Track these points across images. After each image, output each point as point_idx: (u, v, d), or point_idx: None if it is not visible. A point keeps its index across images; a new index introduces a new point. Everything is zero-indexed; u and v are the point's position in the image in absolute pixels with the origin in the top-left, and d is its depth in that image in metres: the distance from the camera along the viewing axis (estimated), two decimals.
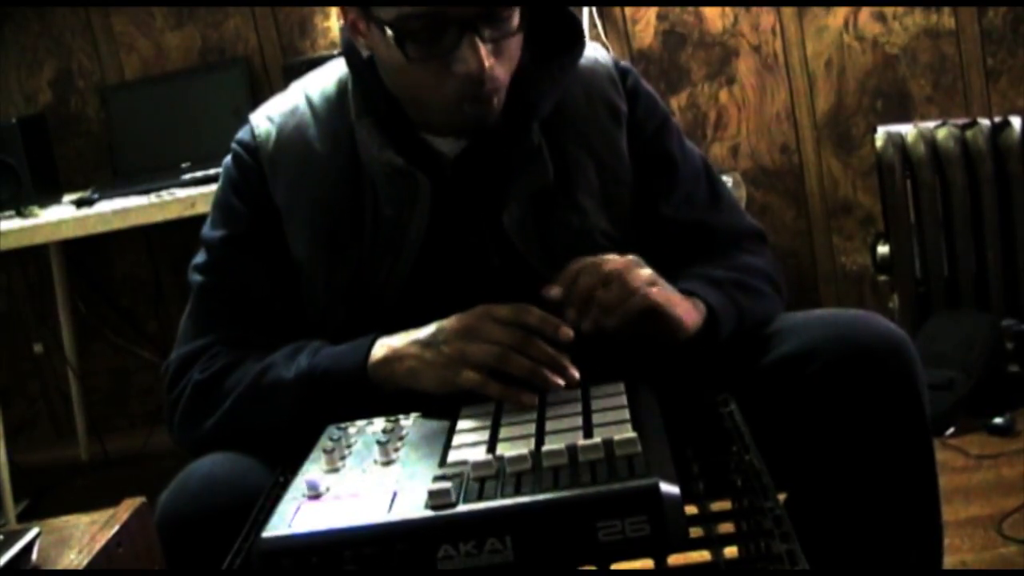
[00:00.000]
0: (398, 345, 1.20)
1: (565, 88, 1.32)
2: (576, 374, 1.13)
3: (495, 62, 1.20)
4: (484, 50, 1.18)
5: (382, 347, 1.21)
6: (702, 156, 1.43)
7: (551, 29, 1.32)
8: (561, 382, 1.12)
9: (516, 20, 1.22)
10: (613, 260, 1.18)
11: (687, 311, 1.19)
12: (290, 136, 1.33)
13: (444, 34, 1.18)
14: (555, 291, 1.18)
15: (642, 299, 1.14)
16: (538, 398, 1.11)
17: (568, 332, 1.15)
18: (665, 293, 1.17)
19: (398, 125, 1.29)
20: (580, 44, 1.33)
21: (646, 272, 1.18)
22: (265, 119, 1.36)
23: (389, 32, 1.19)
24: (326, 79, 1.37)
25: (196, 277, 1.35)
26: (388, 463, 1.02)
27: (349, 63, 1.32)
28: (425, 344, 1.18)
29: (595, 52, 1.38)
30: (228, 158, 1.37)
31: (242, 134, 1.37)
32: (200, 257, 1.36)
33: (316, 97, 1.35)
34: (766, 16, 3.01)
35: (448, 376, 1.15)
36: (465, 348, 1.15)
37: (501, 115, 1.26)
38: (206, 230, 1.36)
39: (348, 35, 1.30)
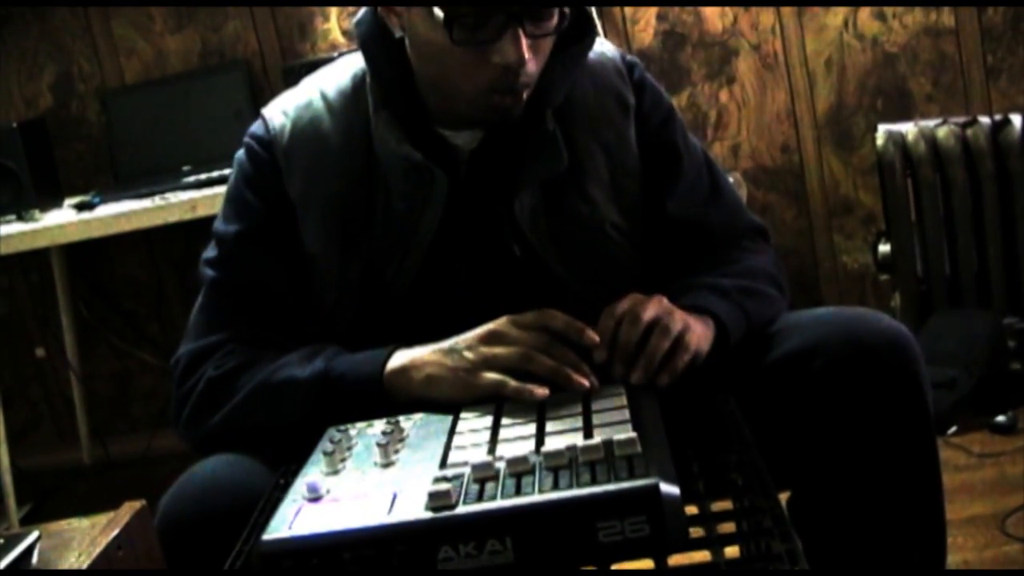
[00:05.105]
0: (417, 354, 1.20)
1: (575, 79, 1.33)
2: (596, 381, 1.13)
3: (531, 57, 1.22)
4: (525, 43, 1.20)
5: (401, 356, 1.20)
6: (703, 150, 1.44)
7: None
8: (585, 383, 1.12)
9: (555, 20, 1.23)
10: (647, 307, 1.18)
11: (707, 339, 1.20)
12: (304, 130, 1.33)
13: (489, 22, 1.19)
14: (596, 344, 1.16)
15: (686, 351, 1.16)
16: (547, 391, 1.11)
17: (593, 336, 1.16)
18: (696, 333, 1.19)
19: (415, 119, 1.30)
20: (591, 35, 1.33)
21: (677, 312, 1.19)
22: (280, 113, 1.35)
23: (438, 11, 1.19)
24: (340, 74, 1.37)
25: (208, 272, 1.33)
26: (388, 465, 1.02)
27: (367, 55, 1.32)
28: (446, 352, 1.18)
29: (602, 45, 1.39)
30: (241, 152, 1.36)
31: (255, 128, 1.36)
32: (212, 251, 1.34)
33: (331, 92, 1.35)
34: (766, 15, 3.01)
35: (469, 380, 1.15)
36: (489, 352, 1.15)
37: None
38: (218, 224, 1.35)
39: (371, 17, 1.29)
